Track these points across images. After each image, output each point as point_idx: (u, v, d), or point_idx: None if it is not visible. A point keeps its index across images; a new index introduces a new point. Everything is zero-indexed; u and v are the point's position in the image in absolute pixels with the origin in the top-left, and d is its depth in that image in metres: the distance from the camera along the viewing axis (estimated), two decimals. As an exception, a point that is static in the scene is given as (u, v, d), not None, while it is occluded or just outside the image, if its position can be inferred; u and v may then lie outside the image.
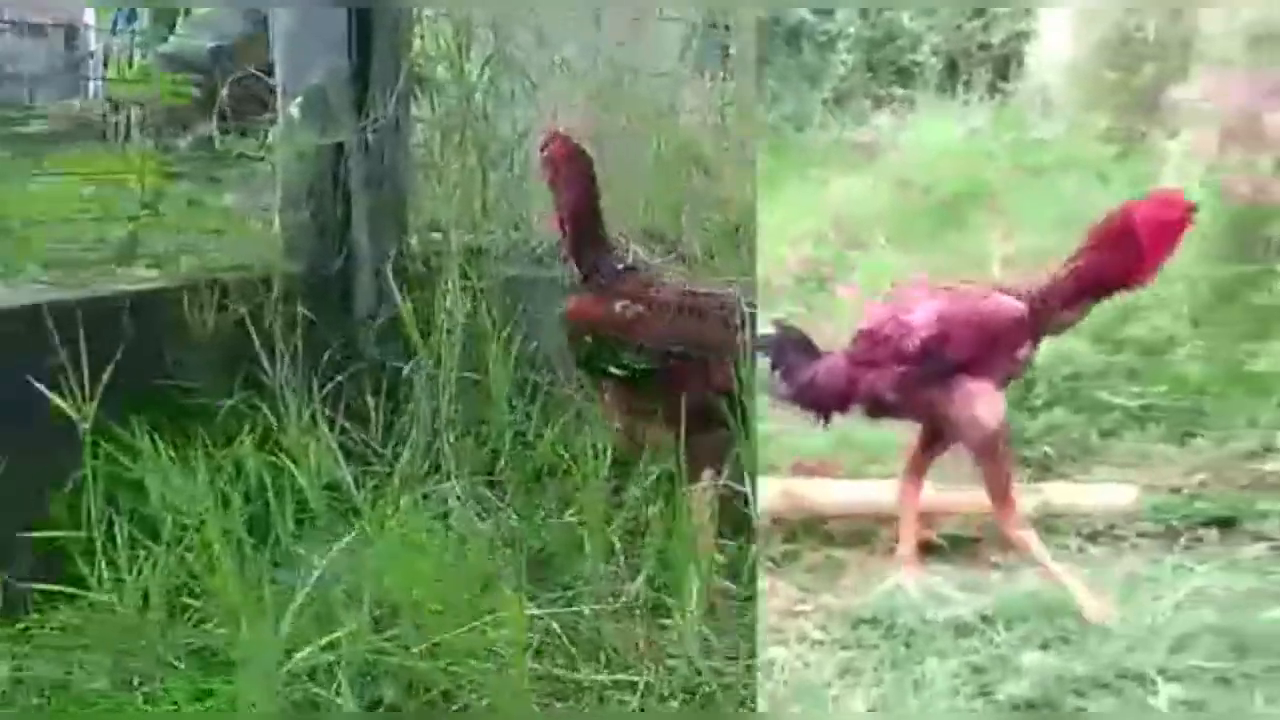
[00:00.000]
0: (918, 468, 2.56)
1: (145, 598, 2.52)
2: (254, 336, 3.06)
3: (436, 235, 3.49)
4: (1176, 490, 2.77)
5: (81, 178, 3.60)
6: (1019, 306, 2.45)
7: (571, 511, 2.93)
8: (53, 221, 3.39)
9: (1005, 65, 4.06)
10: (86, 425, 2.61)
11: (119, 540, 2.56)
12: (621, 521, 2.85)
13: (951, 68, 4.11)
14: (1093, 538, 2.70)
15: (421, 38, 3.60)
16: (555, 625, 2.60)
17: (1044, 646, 2.32)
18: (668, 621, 2.63)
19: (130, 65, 6.72)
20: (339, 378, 3.20)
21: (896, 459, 2.61)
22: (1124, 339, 3.19)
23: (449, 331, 3.18)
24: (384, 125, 3.39)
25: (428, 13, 3.61)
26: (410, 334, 3.21)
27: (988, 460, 2.46)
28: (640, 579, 2.72)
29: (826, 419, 2.58)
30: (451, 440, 3.10)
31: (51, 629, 2.63)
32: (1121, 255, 2.42)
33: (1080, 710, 2.19)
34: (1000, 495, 2.47)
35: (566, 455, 2.94)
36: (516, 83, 3.57)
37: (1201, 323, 3.22)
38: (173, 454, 2.73)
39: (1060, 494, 2.77)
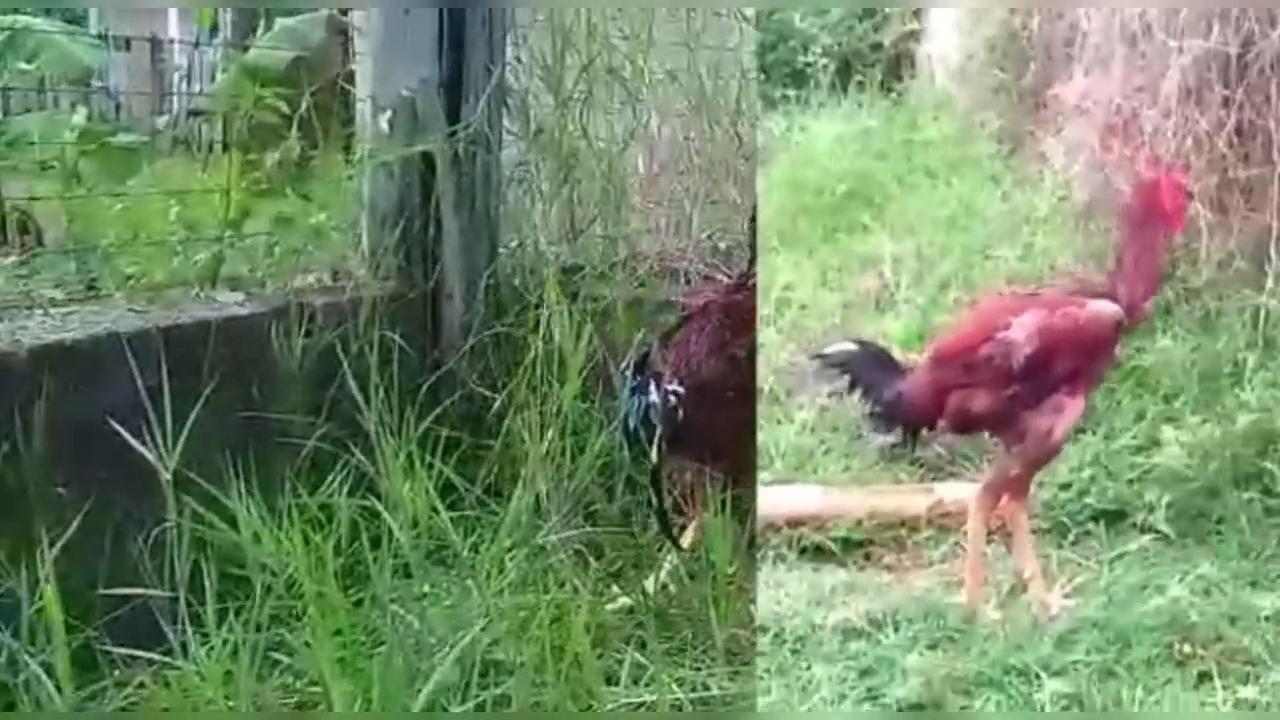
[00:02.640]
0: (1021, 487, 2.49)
1: (234, 654, 2.27)
2: (344, 365, 2.90)
3: (531, 253, 3.40)
4: (1066, 486, 2.78)
5: (168, 195, 3.47)
6: (1116, 310, 2.38)
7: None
8: (138, 243, 3.26)
9: (897, 66, 4.08)
10: (168, 476, 2.37)
11: (206, 595, 2.31)
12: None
13: (844, 69, 4.12)
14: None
15: (516, 44, 3.49)
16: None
17: (932, 647, 2.34)
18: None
19: (214, 79, 6.59)
20: (433, 414, 2.98)
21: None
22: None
23: (548, 361, 3.04)
24: (476, 138, 3.30)
25: (522, 20, 3.49)
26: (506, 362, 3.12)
27: (1031, 468, 2.46)
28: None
29: (913, 438, 2.51)
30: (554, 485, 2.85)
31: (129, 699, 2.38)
32: (1155, 233, 2.40)
33: (964, 709, 2.21)
34: (997, 487, 2.46)
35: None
36: (615, 91, 3.51)
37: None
38: (259, 502, 2.52)
39: (953, 492, 2.78)
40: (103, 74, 6.95)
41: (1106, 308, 2.37)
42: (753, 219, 2.86)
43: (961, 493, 2.76)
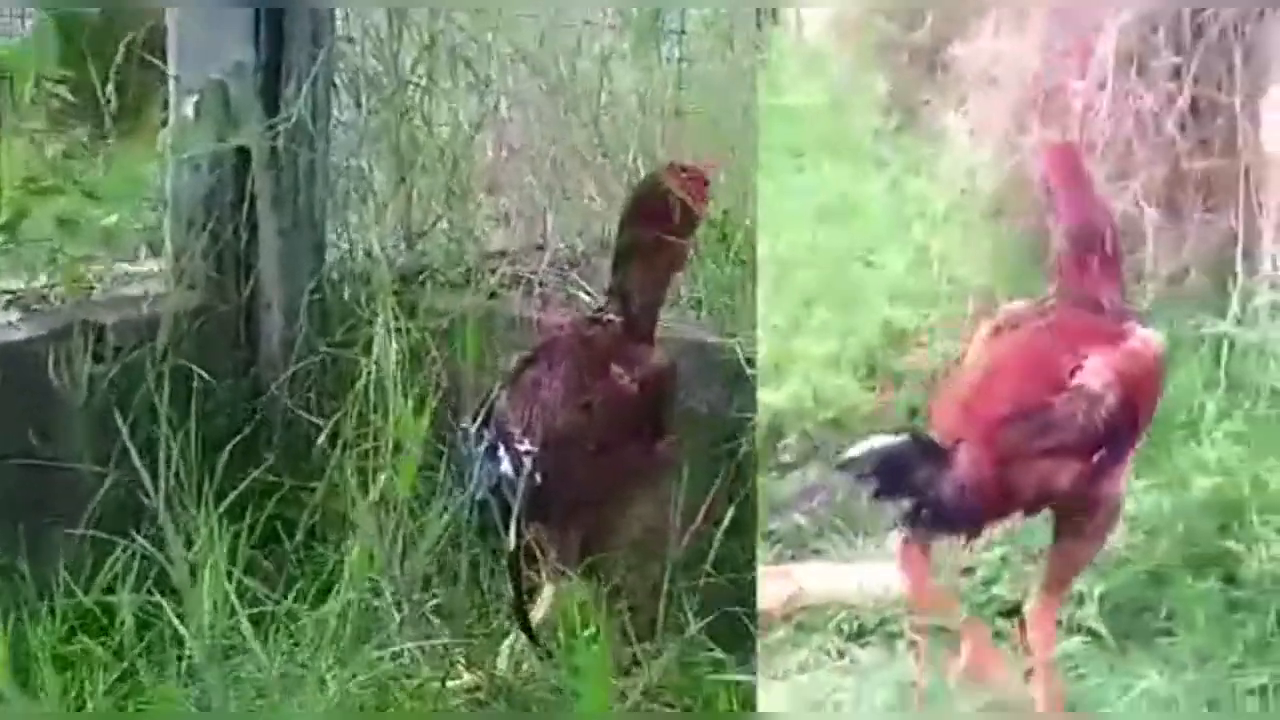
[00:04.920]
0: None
1: None
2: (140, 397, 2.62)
3: (363, 259, 3.06)
4: (969, 570, 2.37)
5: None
6: (1160, 337, 2.11)
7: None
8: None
9: (755, 14, 3.47)
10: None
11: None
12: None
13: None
14: (859, 635, 2.33)
15: (346, 20, 3.13)
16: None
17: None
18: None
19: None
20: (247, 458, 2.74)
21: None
22: (900, 370, 2.71)
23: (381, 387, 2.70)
24: (298, 127, 2.95)
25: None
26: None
27: (1095, 540, 2.10)
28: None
29: (976, 536, 2.10)
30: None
31: None
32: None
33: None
34: (1068, 579, 2.12)
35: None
36: (460, 74, 3.17)
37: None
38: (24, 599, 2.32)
39: (818, 578, 2.41)
40: None
41: (1154, 336, 2.11)
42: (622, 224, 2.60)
43: (829, 578, 2.40)
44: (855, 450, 2.05)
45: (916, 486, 2.01)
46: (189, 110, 2.95)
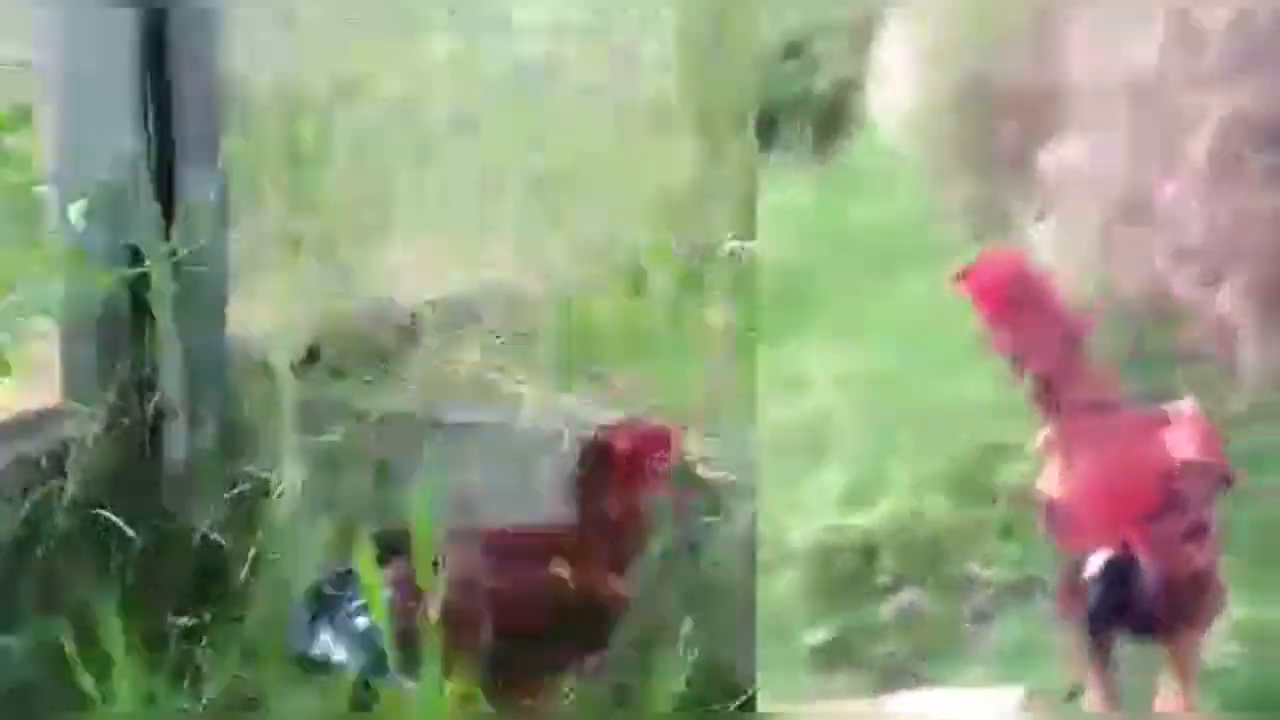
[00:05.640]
0: None
1: None
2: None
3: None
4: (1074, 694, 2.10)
5: None
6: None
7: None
8: None
9: (835, 117, 3.25)
10: None
11: None
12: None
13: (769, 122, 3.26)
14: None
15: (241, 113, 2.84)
16: None
17: None
18: None
19: None
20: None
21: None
22: (994, 484, 2.49)
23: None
24: (197, 216, 2.69)
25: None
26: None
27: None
28: None
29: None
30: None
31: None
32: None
33: None
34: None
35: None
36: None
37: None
38: None
39: (921, 705, 2.17)
40: None
41: (1187, 402, 2.07)
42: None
43: (935, 704, 2.15)
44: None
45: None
46: (74, 214, 2.62)
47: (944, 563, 2.44)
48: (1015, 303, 2.02)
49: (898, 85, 3.01)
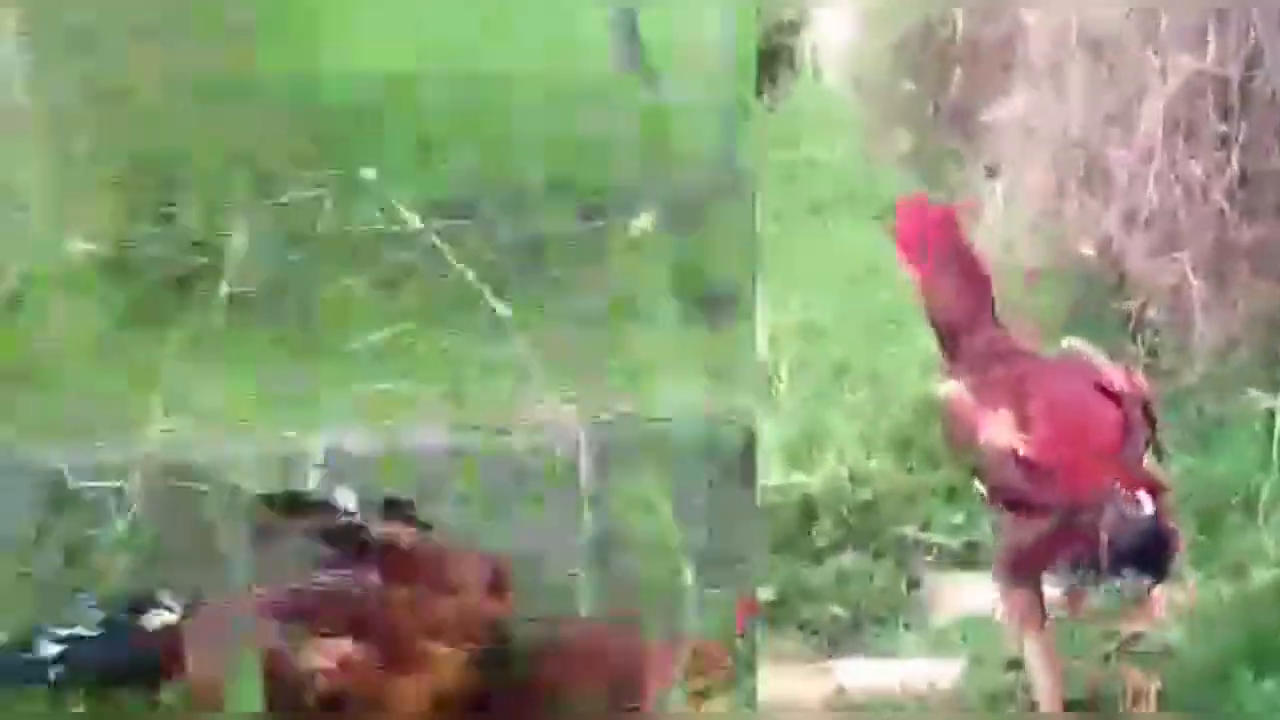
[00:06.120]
0: None
1: None
2: None
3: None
4: (1013, 664, 2.07)
5: None
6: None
7: None
8: None
9: (772, 63, 3.16)
10: None
11: None
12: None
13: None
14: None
15: None
16: None
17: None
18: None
19: None
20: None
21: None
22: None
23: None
24: None
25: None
26: None
27: None
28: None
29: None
30: None
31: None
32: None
33: None
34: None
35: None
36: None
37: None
38: None
39: (858, 672, 2.16)
40: None
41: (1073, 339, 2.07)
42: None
43: (870, 673, 2.13)
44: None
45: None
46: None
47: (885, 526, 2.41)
48: (925, 250, 1.99)
49: (841, 30, 2.94)
